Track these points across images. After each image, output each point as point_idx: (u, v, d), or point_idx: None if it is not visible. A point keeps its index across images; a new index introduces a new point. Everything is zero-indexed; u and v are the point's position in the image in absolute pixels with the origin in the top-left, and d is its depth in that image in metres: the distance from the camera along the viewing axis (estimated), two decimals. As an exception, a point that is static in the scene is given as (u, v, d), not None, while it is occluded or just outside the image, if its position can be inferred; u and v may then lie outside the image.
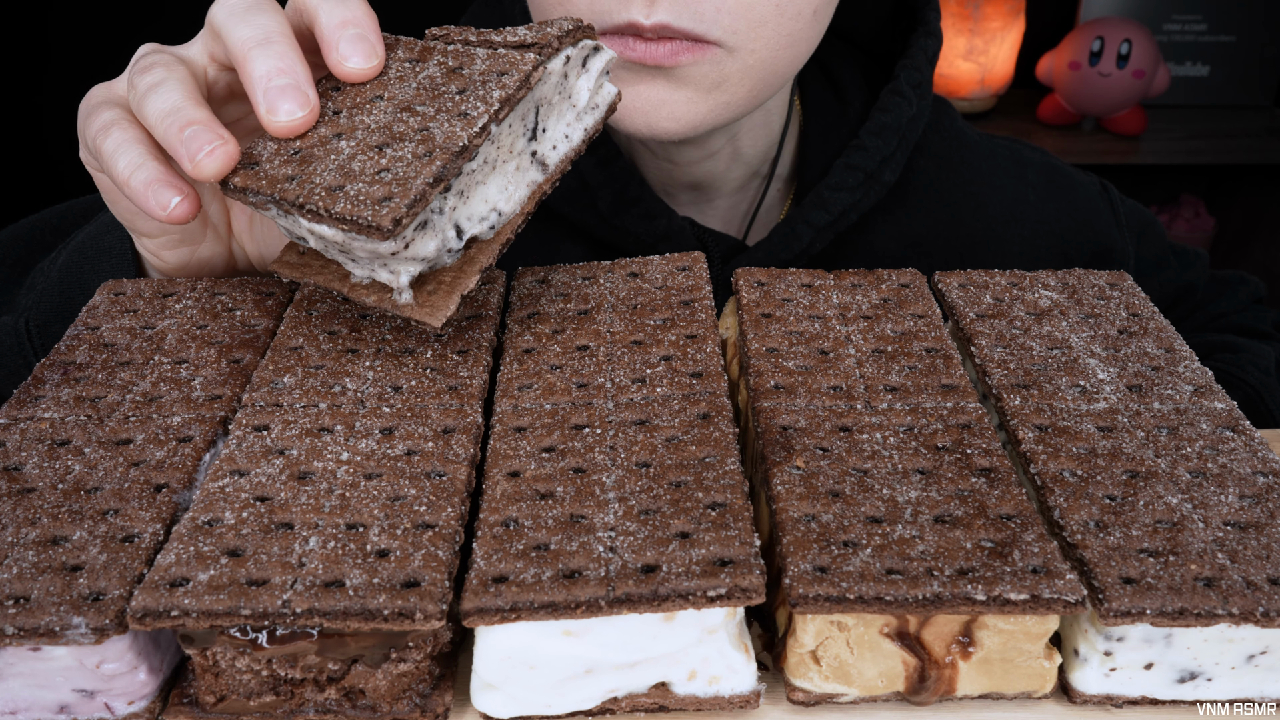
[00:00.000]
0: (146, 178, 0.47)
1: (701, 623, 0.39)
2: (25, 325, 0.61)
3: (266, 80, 0.46)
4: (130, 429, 0.46)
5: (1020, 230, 0.78)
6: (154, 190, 0.47)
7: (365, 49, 0.47)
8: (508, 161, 0.48)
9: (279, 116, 0.46)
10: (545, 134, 0.49)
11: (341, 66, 0.47)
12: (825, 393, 0.48)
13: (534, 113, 0.48)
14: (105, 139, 0.49)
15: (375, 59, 0.48)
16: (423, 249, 0.46)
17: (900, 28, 0.77)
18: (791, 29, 0.60)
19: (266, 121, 0.46)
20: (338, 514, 0.41)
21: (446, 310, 0.47)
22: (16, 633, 0.37)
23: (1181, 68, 1.97)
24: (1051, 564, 0.38)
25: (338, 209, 0.43)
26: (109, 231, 0.62)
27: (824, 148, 0.74)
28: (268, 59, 0.46)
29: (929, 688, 0.41)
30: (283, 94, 0.46)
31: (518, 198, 0.49)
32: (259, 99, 0.46)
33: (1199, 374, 0.50)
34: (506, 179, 0.48)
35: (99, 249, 0.61)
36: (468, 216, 0.47)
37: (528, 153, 0.49)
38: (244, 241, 0.60)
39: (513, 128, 0.47)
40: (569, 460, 0.43)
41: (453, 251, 0.48)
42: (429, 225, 0.46)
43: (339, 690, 0.40)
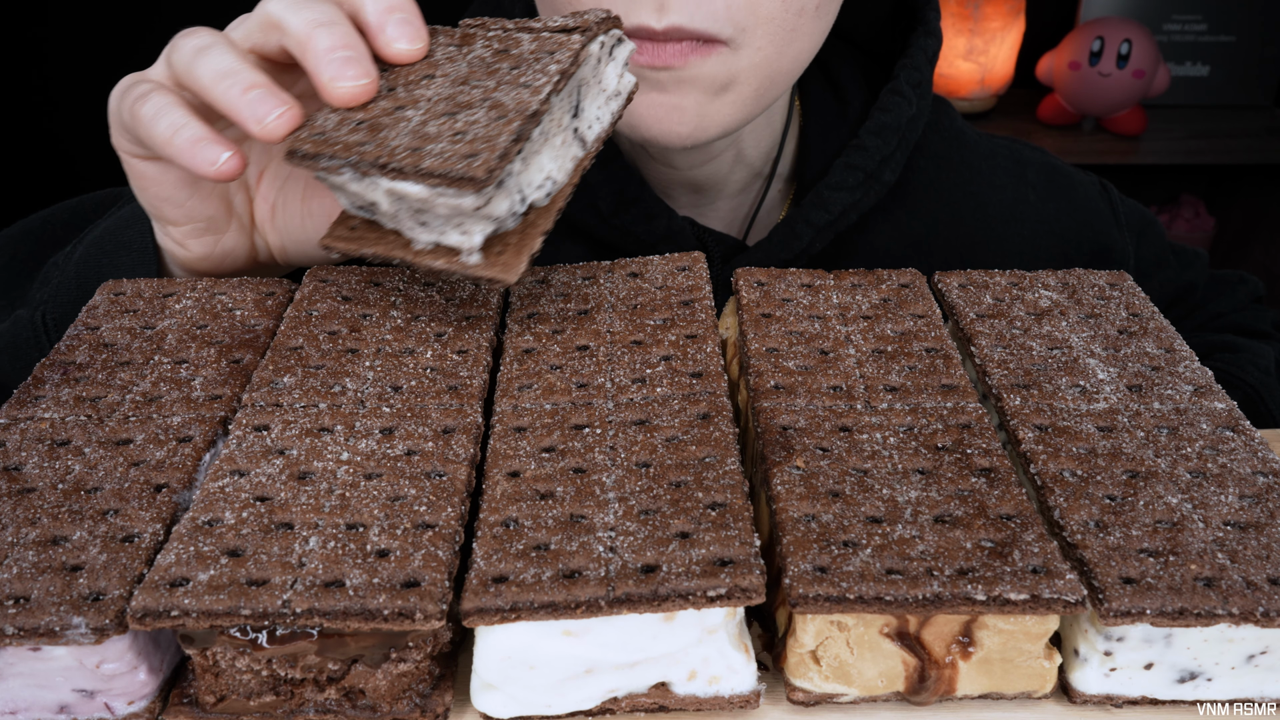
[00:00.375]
0: (193, 135, 0.48)
1: (701, 623, 0.39)
2: (41, 319, 0.61)
3: (330, 53, 0.48)
4: (130, 429, 0.46)
5: (1020, 230, 0.78)
6: (202, 147, 0.48)
7: (411, 31, 0.49)
8: (556, 135, 0.50)
9: (344, 83, 0.47)
10: (583, 113, 0.51)
11: (390, 48, 0.49)
12: (825, 393, 0.48)
13: (576, 92, 0.50)
14: (144, 104, 0.50)
15: (421, 41, 0.50)
16: (498, 208, 0.47)
17: (900, 27, 0.77)
18: (795, 24, 0.61)
19: (331, 90, 0.48)
20: (338, 514, 0.41)
21: (519, 268, 0.48)
22: (16, 633, 0.37)
23: (1181, 68, 1.97)
24: (1051, 564, 0.38)
25: (425, 165, 0.44)
26: (129, 225, 0.62)
27: (824, 147, 0.74)
28: (331, 36, 0.48)
29: (929, 688, 0.41)
30: (347, 64, 0.48)
31: (566, 169, 0.51)
32: (323, 69, 0.48)
33: (1199, 374, 0.50)
34: (555, 151, 0.50)
35: (118, 243, 0.61)
36: (528, 183, 0.49)
37: (571, 129, 0.51)
38: (266, 232, 0.60)
39: (562, 103, 0.50)
40: (569, 460, 0.43)
41: (515, 215, 0.49)
42: (504, 185, 0.47)
43: (339, 690, 0.40)
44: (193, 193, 0.56)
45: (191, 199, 0.56)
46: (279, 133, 0.47)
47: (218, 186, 0.57)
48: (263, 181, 0.59)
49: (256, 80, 0.48)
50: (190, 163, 0.48)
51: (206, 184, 0.57)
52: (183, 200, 0.56)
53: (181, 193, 0.55)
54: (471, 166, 0.44)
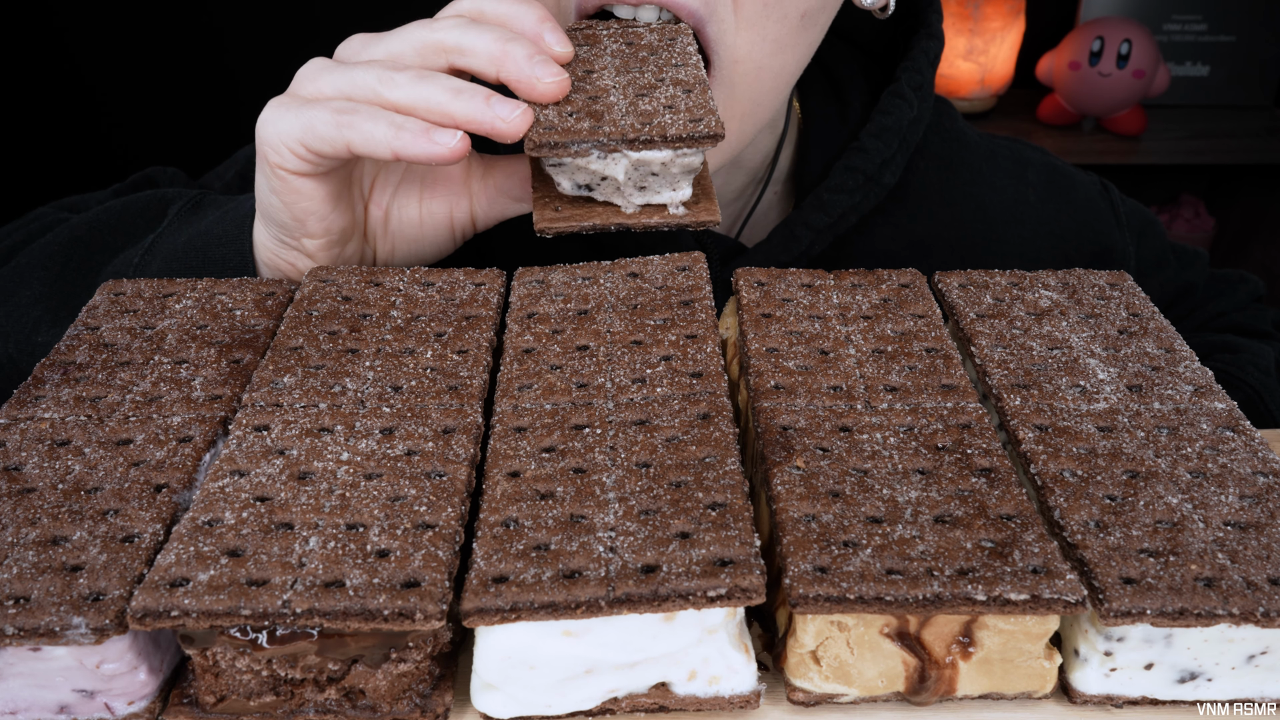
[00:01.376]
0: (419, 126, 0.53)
1: (701, 623, 0.39)
2: None
3: (530, 60, 0.54)
4: (130, 429, 0.46)
5: (1020, 230, 0.77)
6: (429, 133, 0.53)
7: (562, 38, 0.56)
8: None
9: (550, 79, 0.54)
10: None
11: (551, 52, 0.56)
12: (825, 393, 0.48)
13: None
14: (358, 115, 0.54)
15: (570, 45, 0.57)
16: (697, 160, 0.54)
17: (902, 29, 0.77)
18: (778, 33, 0.61)
19: (540, 87, 0.54)
20: (338, 514, 0.41)
21: (716, 206, 0.56)
22: (16, 633, 0.37)
23: (1181, 68, 1.97)
24: (1051, 564, 0.38)
25: (671, 133, 0.52)
26: (221, 243, 0.63)
27: (824, 149, 0.74)
28: (524, 46, 0.54)
29: (929, 688, 0.41)
30: (548, 64, 0.54)
31: None
32: (527, 73, 0.54)
33: (1199, 374, 0.50)
34: None
35: (208, 259, 0.63)
36: None
37: None
38: (377, 238, 0.62)
39: None
40: (569, 460, 0.43)
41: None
42: None
43: (339, 690, 0.40)
44: (335, 205, 0.58)
45: (334, 212, 0.58)
46: (524, 127, 0.53)
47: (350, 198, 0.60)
48: (375, 189, 0.62)
49: (486, 90, 0.53)
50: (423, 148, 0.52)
51: (347, 198, 0.60)
52: (326, 214, 0.58)
53: (327, 206, 0.58)
54: (711, 126, 0.52)
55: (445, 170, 0.62)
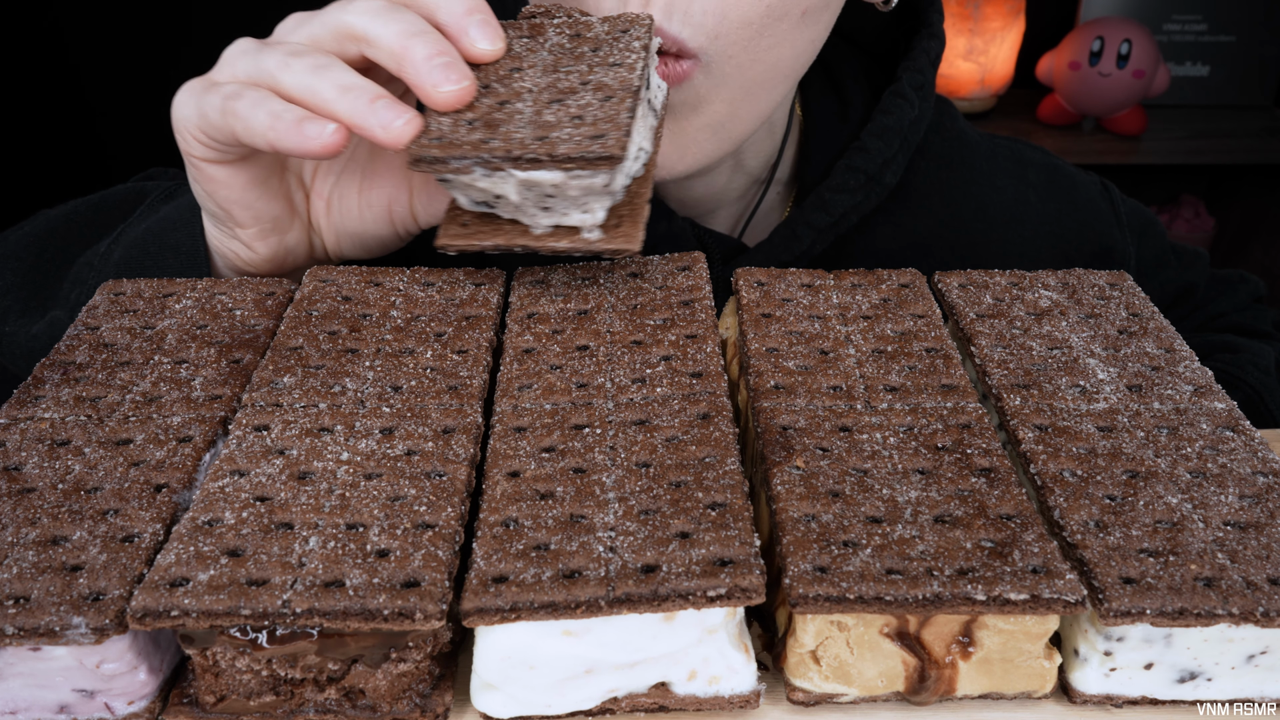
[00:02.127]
0: (295, 116, 0.50)
1: (701, 623, 0.39)
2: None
3: (430, 61, 0.50)
4: (130, 429, 0.46)
5: (1021, 230, 0.77)
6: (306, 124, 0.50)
7: (491, 31, 0.52)
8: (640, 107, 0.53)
9: (449, 87, 0.50)
10: (650, 83, 0.54)
11: (473, 49, 0.52)
12: (825, 393, 0.48)
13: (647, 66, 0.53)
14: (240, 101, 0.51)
15: (500, 40, 0.52)
16: (618, 182, 0.49)
17: (903, 29, 0.77)
18: (775, 30, 0.60)
19: (437, 95, 0.50)
20: (338, 514, 0.41)
21: (639, 235, 0.50)
22: (16, 633, 0.37)
23: (1181, 68, 1.97)
24: (1051, 564, 0.38)
25: (560, 151, 0.46)
26: (175, 228, 0.62)
27: (825, 149, 0.74)
28: (427, 44, 0.50)
29: (929, 688, 0.41)
30: (448, 69, 0.50)
31: (650, 138, 0.54)
32: (425, 77, 0.49)
33: (1199, 374, 0.50)
34: (639, 123, 0.52)
35: (164, 245, 0.62)
36: (630, 155, 0.51)
37: (645, 100, 0.53)
38: (322, 229, 0.61)
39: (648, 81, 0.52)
40: (569, 460, 0.43)
41: (624, 188, 0.51)
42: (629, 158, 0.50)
43: (339, 690, 0.40)
44: (261, 194, 0.57)
45: (260, 200, 0.57)
46: (406, 138, 0.49)
47: (281, 186, 0.58)
48: (317, 179, 0.60)
49: (378, 91, 0.50)
50: (296, 141, 0.50)
51: (273, 184, 0.57)
52: (251, 202, 0.56)
53: (250, 194, 0.56)
54: (606, 145, 0.46)
55: (385, 162, 0.60)
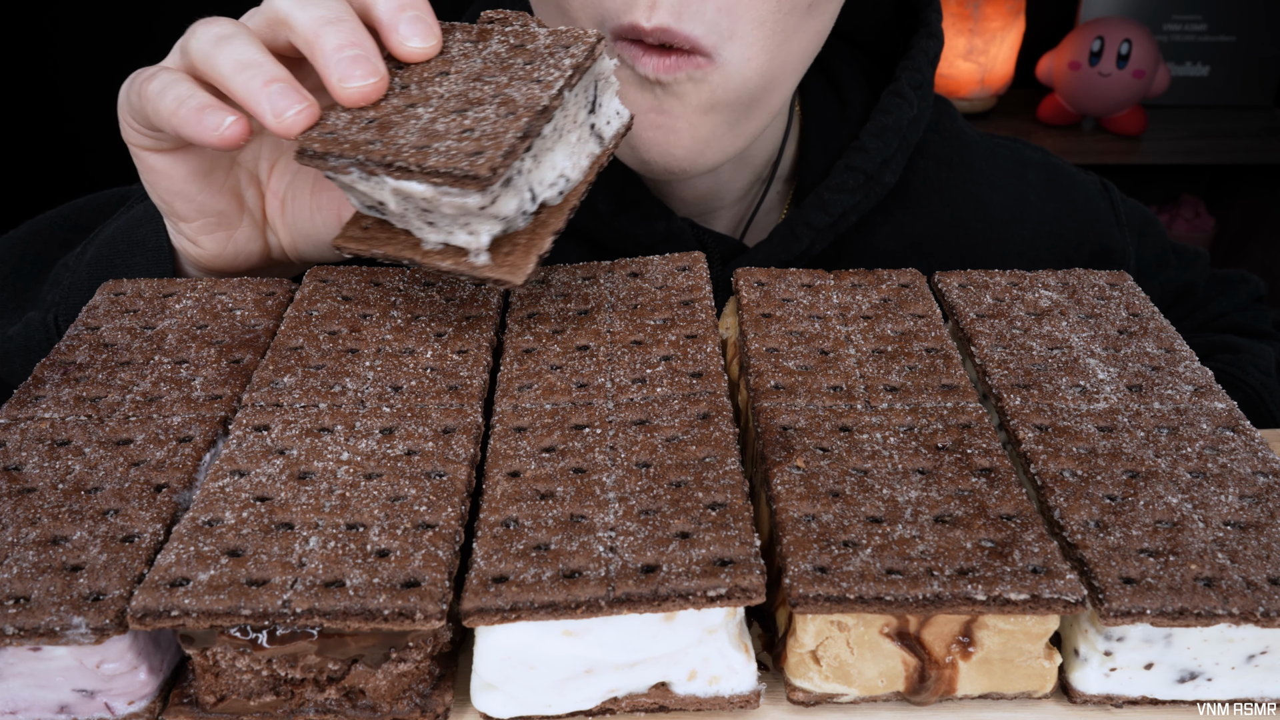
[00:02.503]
0: (198, 103, 0.48)
1: (701, 623, 0.39)
2: (54, 320, 0.61)
3: (338, 52, 0.47)
4: (130, 429, 0.46)
5: (1021, 230, 0.78)
6: (207, 113, 0.48)
7: (423, 29, 0.49)
8: (572, 131, 0.50)
9: (353, 83, 0.47)
10: (601, 109, 0.51)
11: (402, 47, 0.49)
12: (825, 393, 0.48)
13: (593, 87, 0.50)
14: (151, 83, 0.50)
15: (433, 38, 0.50)
16: (505, 207, 0.47)
17: (901, 28, 0.77)
18: (786, 25, 0.60)
19: (340, 90, 0.48)
20: (338, 514, 0.41)
21: (526, 269, 0.47)
22: (16, 633, 0.37)
23: (1181, 68, 1.97)
24: (1051, 564, 0.38)
25: (430, 163, 0.44)
26: (142, 224, 0.61)
27: (824, 149, 0.74)
28: (339, 34, 0.48)
29: (929, 688, 0.41)
30: (355, 63, 0.47)
31: (581, 166, 0.51)
32: (331, 69, 0.47)
33: (1199, 374, 0.50)
34: (571, 148, 0.50)
35: (131, 242, 0.61)
36: (539, 181, 0.48)
37: (588, 125, 0.51)
38: (277, 228, 0.60)
39: (576, 99, 0.49)
40: (569, 460, 0.43)
41: (525, 214, 0.48)
42: (512, 183, 0.47)
43: (339, 690, 0.40)
44: (203, 187, 0.55)
45: (202, 193, 0.55)
46: (296, 128, 0.47)
47: (228, 181, 0.57)
48: (273, 176, 0.59)
49: (277, 74, 0.48)
50: (195, 130, 0.48)
51: (218, 178, 0.56)
52: (193, 195, 0.55)
53: (192, 186, 0.55)
54: (475, 164, 0.43)
55: None
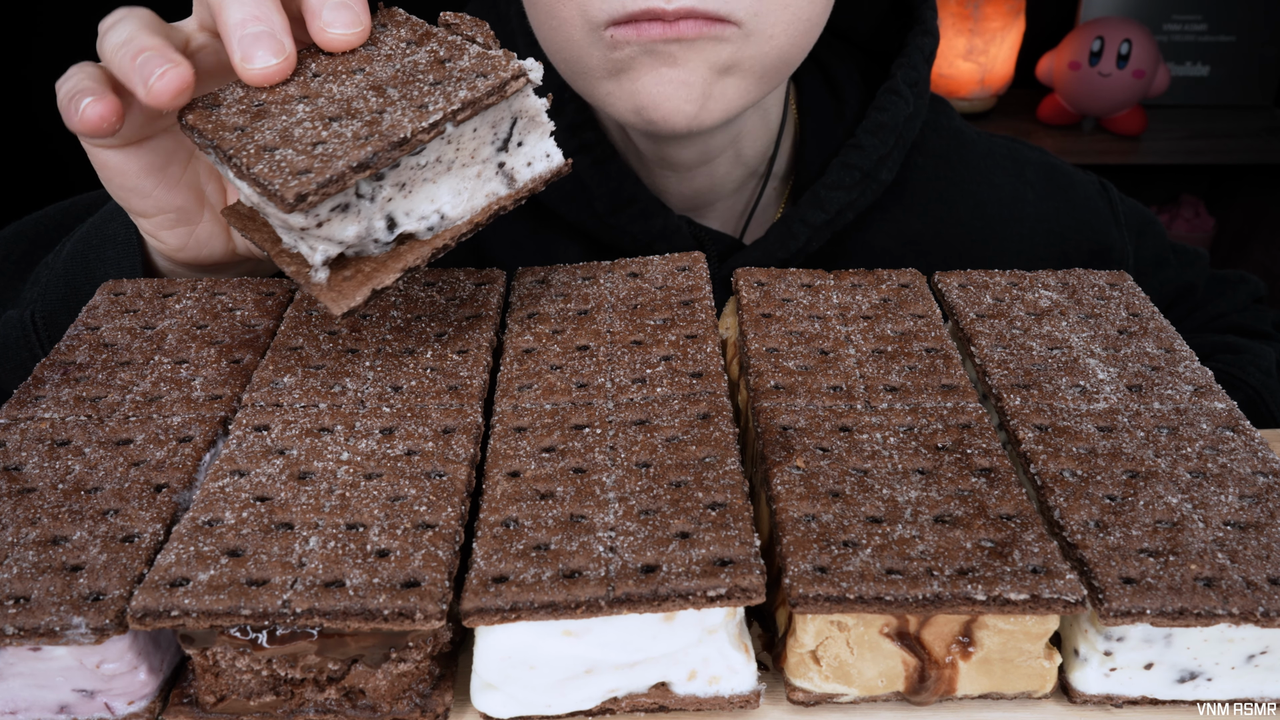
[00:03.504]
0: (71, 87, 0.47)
1: (701, 623, 0.39)
2: (31, 318, 0.62)
3: (241, 27, 0.45)
4: (130, 429, 0.46)
5: (1018, 229, 0.78)
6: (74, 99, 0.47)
7: (348, 16, 0.47)
8: (468, 166, 0.47)
9: (253, 64, 0.45)
10: (521, 148, 0.48)
11: (322, 34, 0.47)
12: (825, 393, 0.48)
13: (510, 123, 0.47)
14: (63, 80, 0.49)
15: (357, 27, 0.47)
16: (340, 231, 0.45)
17: (897, 26, 0.77)
18: (809, 14, 0.60)
19: (240, 69, 0.45)
20: (338, 514, 0.41)
21: (352, 300, 0.46)
22: (16, 633, 0.37)
23: (1181, 68, 1.97)
24: (1051, 564, 0.38)
25: (255, 170, 0.42)
26: (113, 218, 0.62)
27: (821, 146, 0.74)
28: (244, 7, 0.46)
29: (929, 688, 0.41)
30: (257, 41, 0.45)
31: (471, 205, 0.48)
32: (234, 46, 0.45)
33: (1199, 374, 0.50)
34: (463, 183, 0.47)
35: (103, 236, 0.61)
36: (406, 211, 0.46)
37: (494, 163, 0.47)
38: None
39: (478, 133, 0.46)
40: (569, 460, 0.43)
41: (380, 242, 0.46)
42: (350, 209, 0.45)
43: (339, 690, 0.40)
44: (159, 182, 0.55)
45: (158, 188, 0.55)
46: (162, 93, 0.45)
47: (185, 176, 0.57)
48: None
49: (145, 44, 0.46)
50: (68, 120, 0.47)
51: (174, 172, 0.56)
52: (149, 190, 0.55)
53: (147, 182, 0.54)
54: (286, 185, 0.41)
55: None
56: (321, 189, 0.41)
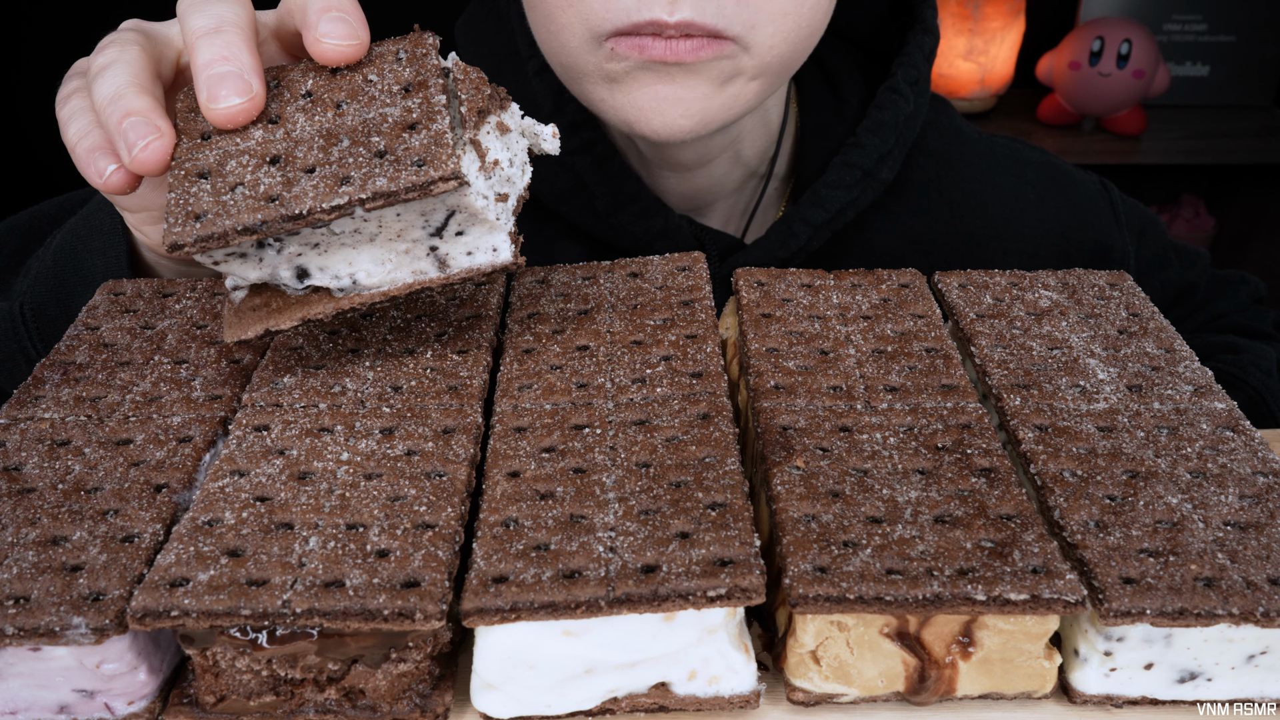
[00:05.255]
0: (90, 144, 0.47)
1: (701, 623, 0.39)
2: (20, 309, 0.62)
3: (209, 67, 0.45)
4: (130, 429, 0.46)
5: (1019, 228, 0.78)
6: (94, 157, 0.47)
7: (344, 30, 0.46)
8: (394, 241, 0.46)
9: (218, 105, 0.45)
10: (461, 237, 0.46)
11: (317, 45, 0.46)
12: (825, 393, 0.48)
13: (444, 214, 0.45)
14: (64, 106, 0.49)
15: (354, 40, 0.47)
16: (241, 271, 0.46)
17: (897, 24, 0.77)
18: (811, 20, 0.60)
19: (205, 109, 0.45)
20: (338, 514, 0.41)
21: (242, 332, 0.47)
22: (16, 633, 0.37)
23: (1181, 68, 1.97)
24: (1051, 564, 0.38)
25: (170, 195, 0.44)
26: (100, 209, 0.62)
27: (821, 146, 0.74)
28: (211, 48, 0.45)
29: (929, 688, 0.41)
30: (222, 81, 0.45)
31: (392, 277, 0.47)
32: (200, 85, 0.45)
33: (1199, 374, 0.50)
34: (387, 255, 0.46)
35: (90, 227, 0.62)
36: (320, 266, 0.46)
37: (425, 245, 0.46)
38: None
39: (402, 218, 0.45)
40: (569, 460, 0.43)
41: (290, 287, 0.47)
42: (249, 258, 0.45)
43: (339, 690, 0.40)
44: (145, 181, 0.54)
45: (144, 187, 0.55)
46: (146, 164, 0.45)
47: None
48: None
49: (133, 107, 0.46)
50: (85, 172, 0.48)
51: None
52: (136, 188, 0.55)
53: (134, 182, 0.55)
54: (171, 229, 0.42)
55: None
56: (200, 243, 0.42)
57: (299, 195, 0.43)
